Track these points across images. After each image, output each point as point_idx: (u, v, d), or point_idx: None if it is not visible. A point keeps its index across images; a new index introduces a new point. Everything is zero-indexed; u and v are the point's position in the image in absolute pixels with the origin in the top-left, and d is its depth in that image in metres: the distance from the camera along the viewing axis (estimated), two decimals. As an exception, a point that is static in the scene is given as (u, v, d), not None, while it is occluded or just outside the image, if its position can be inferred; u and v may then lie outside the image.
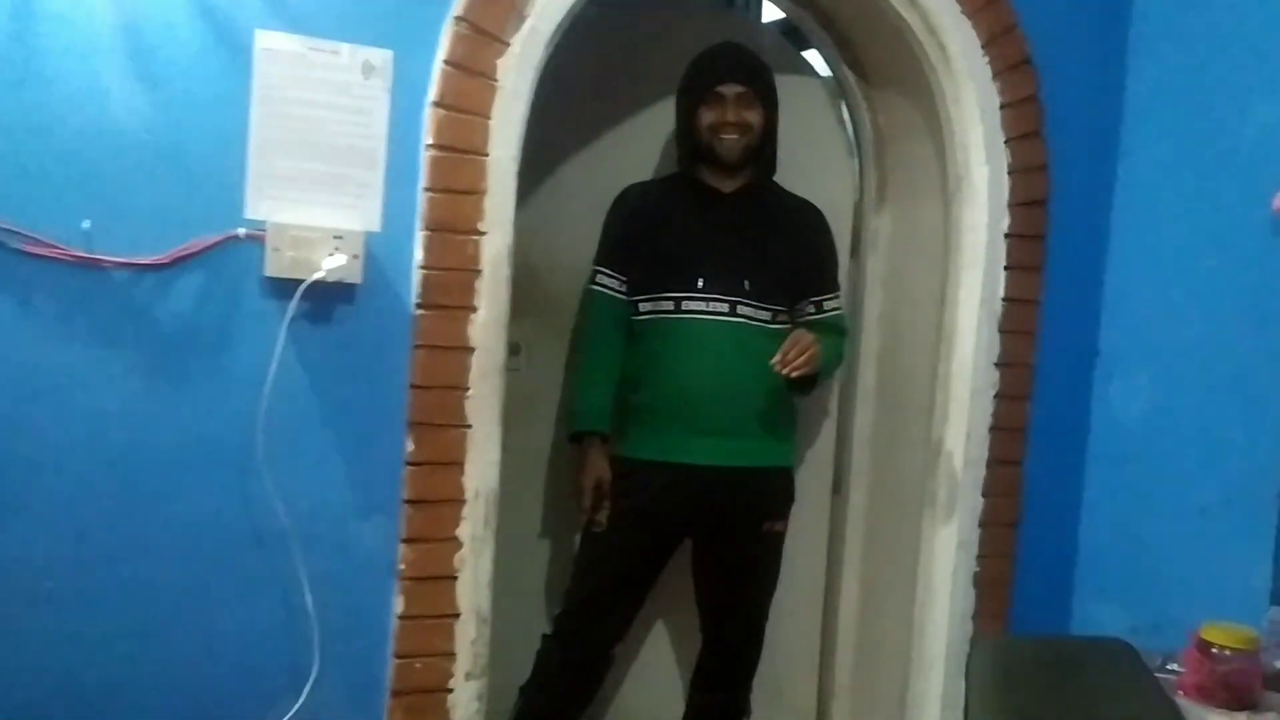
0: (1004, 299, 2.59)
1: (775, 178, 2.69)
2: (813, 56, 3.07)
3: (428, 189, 2.12)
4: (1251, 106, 2.38)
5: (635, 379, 2.64)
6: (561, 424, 2.96)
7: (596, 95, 2.97)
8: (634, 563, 2.62)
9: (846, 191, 2.99)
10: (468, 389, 2.17)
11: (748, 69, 2.57)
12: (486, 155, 2.14)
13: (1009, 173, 2.56)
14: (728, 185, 2.62)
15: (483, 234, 2.15)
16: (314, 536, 2.09)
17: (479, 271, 2.15)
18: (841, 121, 3.00)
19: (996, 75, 2.53)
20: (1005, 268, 2.58)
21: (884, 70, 2.80)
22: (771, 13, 3.51)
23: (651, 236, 2.60)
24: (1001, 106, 2.55)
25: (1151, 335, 2.58)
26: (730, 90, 2.54)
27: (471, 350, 2.17)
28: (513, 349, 3.05)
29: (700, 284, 2.55)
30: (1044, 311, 2.63)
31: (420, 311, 2.13)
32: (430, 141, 2.11)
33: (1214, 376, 2.42)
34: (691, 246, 2.58)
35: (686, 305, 2.55)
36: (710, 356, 2.55)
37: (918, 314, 2.79)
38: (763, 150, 2.61)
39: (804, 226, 2.68)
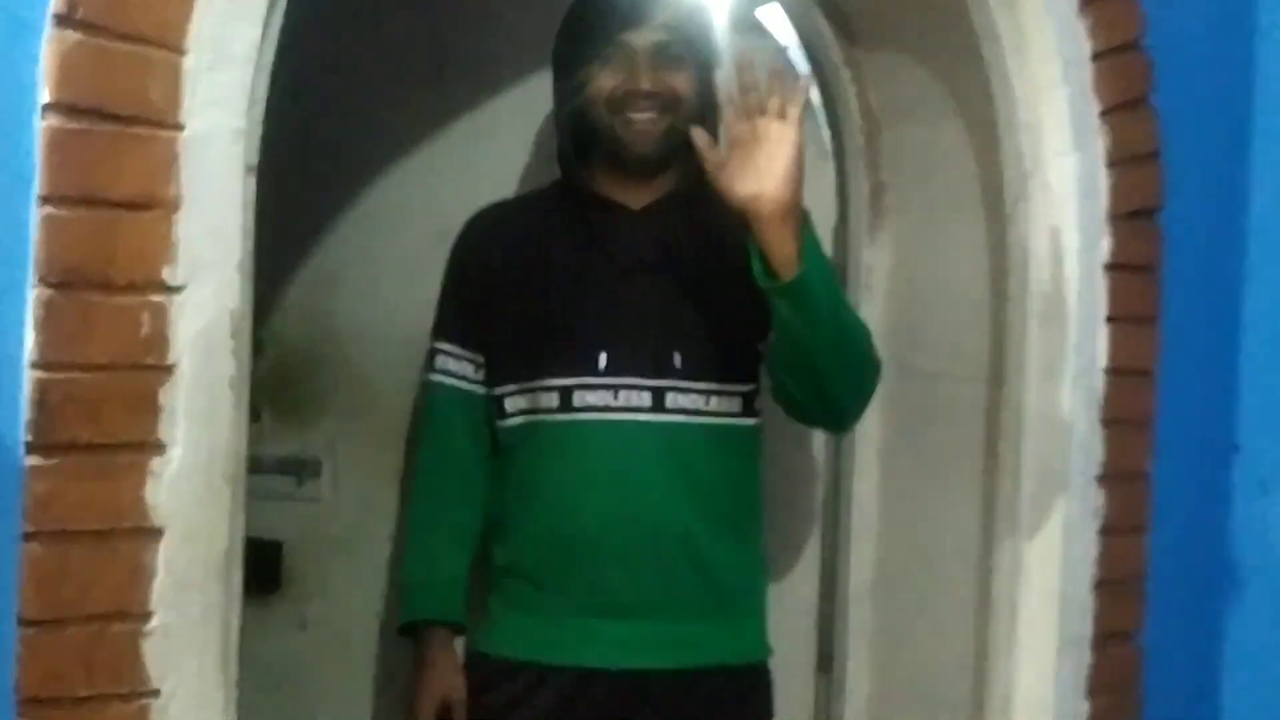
0: (1106, 370, 1.59)
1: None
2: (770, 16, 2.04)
3: (48, 199, 0.99)
4: None
5: (501, 524, 1.58)
6: (389, 586, 1.90)
7: (435, 71, 1.99)
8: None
9: (823, 207, 1.96)
10: (147, 617, 1.03)
11: (672, 6, 1.53)
12: (178, 128, 1.03)
13: (1107, 165, 1.58)
14: (639, 197, 1.57)
15: (173, 290, 1.03)
16: None
17: (167, 369, 1.03)
18: (809, 104, 1.97)
19: (1085, 6, 1.55)
20: (1107, 319, 1.59)
21: (885, 18, 1.79)
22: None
23: (520, 290, 1.57)
24: (1093, 57, 1.56)
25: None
26: (642, 39, 1.50)
27: (154, 534, 1.03)
28: (308, 469, 1.99)
29: (603, 362, 1.51)
30: (1160, 389, 1.65)
31: (36, 461, 0.99)
32: (51, 99, 0.99)
33: None
34: (585, 302, 1.54)
35: (581, 398, 1.51)
36: (623, 483, 1.51)
37: (949, 394, 1.78)
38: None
39: None
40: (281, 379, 2.04)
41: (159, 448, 1.03)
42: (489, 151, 1.96)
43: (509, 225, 1.62)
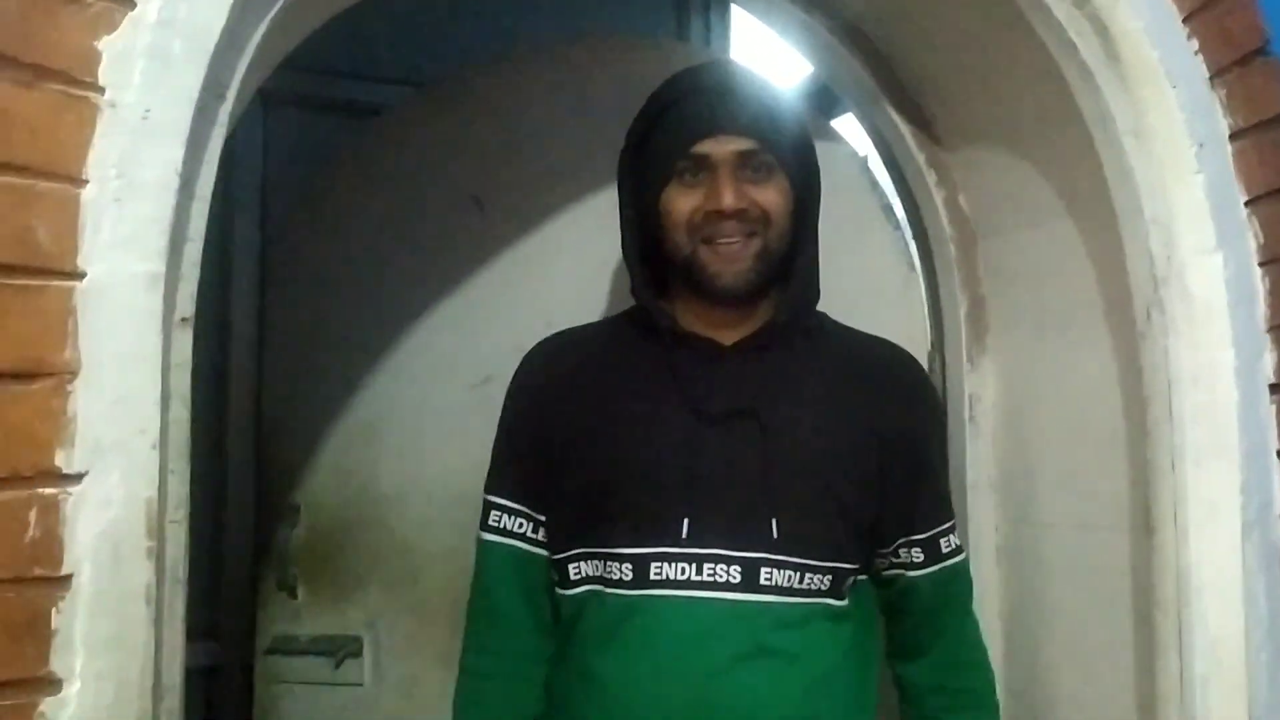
0: (1287, 518, 1.27)
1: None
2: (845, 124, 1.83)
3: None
4: None
5: (560, 710, 1.31)
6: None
7: (472, 202, 1.80)
8: None
9: (910, 331, 1.69)
10: None
11: (757, 108, 1.27)
12: (75, 277, 0.83)
13: (1262, 264, 1.29)
14: (731, 332, 1.32)
15: (69, 480, 0.81)
16: None
17: (61, 581, 0.80)
18: (892, 215, 1.73)
19: (1218, 76, 1.28)
20: (1280, 454, 1.28)
21: (970, 111, 1.54)
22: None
23: (589, 439, 1.31)
24: (1233, 135, 1.29)
25: None
26: (723, 149, 1.24)
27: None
28: (346, 649, 1.78)
29: (685, 530, 1.24)
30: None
31: None
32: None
33: None
34: (666, 457, 1.27)
35: (658, 571, 1.23)
36: (704, 677, 1.21)
37: (1081, 548, 1.47)
38: (794, 261, 1.32)
39: (889, 400, 1.35)
40: (316, 549, 1.85)
41: (51, 685, 0.80)
42: (533, 289, 1.77)
43: (576, 361, 1.36)
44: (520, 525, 1.33)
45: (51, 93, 0.82)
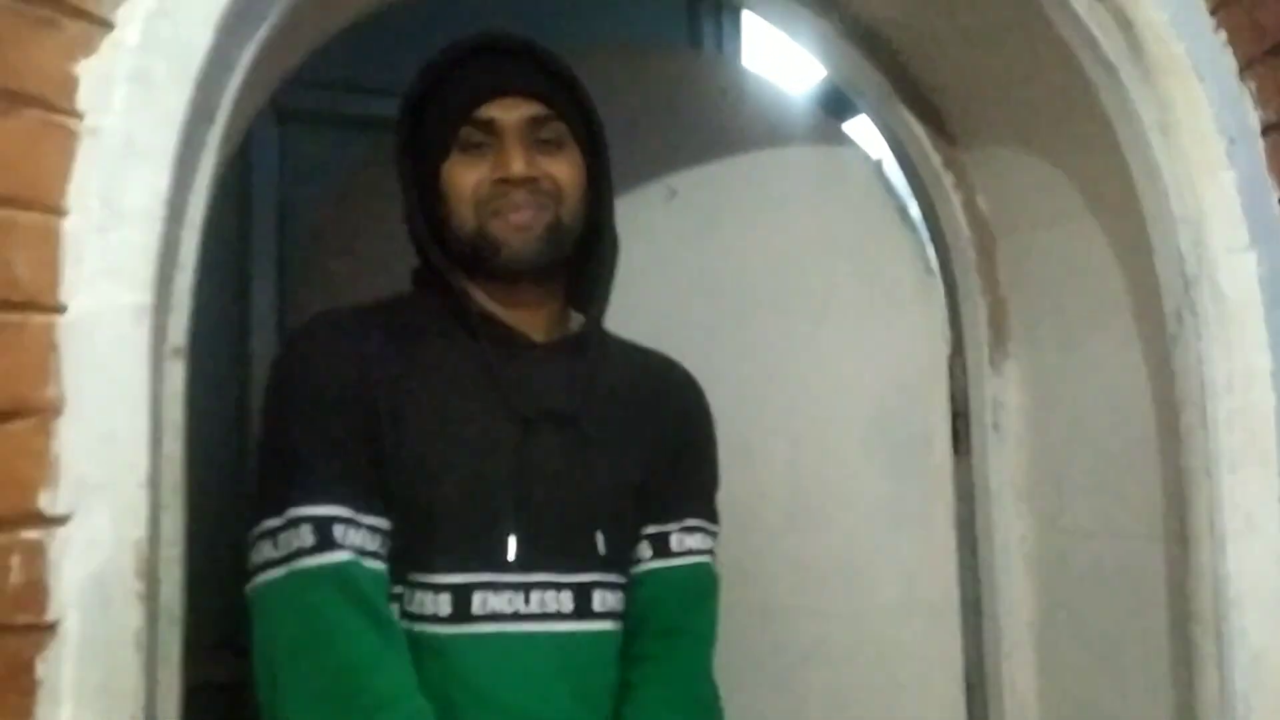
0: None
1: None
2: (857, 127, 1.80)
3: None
4: None
5: None
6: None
7: None
8: None
9: (929, 336, 1.65)
10: None
11: (547, 72, 1.14)
12: (57, 311, 0.79)
13: (1298, 263, 1.24)
14: (535, 325, 1.17)
15: (54, 522, 0.77)
16: None
17: (46, 628, 0.77)
18: (908, 217, 1.68)
19: (1248, 68, 1.23)
20: (1324, 467, 1.23)
21: (987, 109, 1.50)
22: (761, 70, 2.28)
23: (398, 438, 1.07)
24: (1264, 130, 1.24)
25: None
26: (513, 114, 1.11)
27: None
28: None
29: (512, 551, 1.08)
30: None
31: None
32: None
33: None
34: (487, 466, 1.09)
35: (483, 603, 1.07)
36: None
37: (1114, 557, 1.42)
38: (592, 250, 1.19)
39: (675, 412, 1.25)
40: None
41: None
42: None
43: (376, 342, 1.10)
44: (368, 540, 1.04)
45: (28, 120, 0.79)
